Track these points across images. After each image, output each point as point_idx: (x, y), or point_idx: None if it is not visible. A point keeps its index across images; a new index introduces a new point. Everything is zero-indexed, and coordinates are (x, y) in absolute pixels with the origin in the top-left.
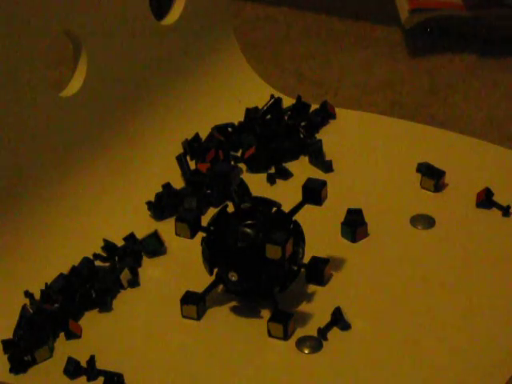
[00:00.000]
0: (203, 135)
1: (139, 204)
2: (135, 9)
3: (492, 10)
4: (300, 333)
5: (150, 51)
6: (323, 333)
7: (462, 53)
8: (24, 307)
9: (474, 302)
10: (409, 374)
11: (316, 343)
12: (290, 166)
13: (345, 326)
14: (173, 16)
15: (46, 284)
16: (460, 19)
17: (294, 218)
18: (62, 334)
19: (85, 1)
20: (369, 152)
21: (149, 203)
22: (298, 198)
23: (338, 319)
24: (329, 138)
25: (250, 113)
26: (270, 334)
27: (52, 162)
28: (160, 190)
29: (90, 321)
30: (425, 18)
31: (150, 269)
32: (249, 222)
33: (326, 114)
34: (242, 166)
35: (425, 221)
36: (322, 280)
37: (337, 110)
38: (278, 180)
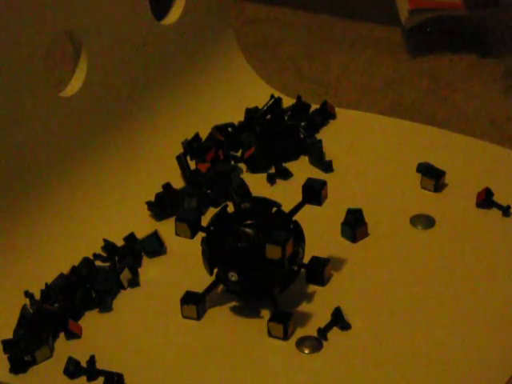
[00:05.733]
0: (203, 135)
1: (139, 204)
2: (135, 9)
3: (491, 10)
4: (300, 333)
5: (150, 51)
6: (323, 333)
7: (461, 53)
8: (24, 307)
9: (474, 301)
10: (408, 373)
11: (316, 343)
12: (290, 166)
13: (345, 325)
14: (173, 16)
15: (46, 284)
16: (460, 19)
17: (294, 218)
18: (62, 334)
19: (85, 1)
20: (369, 152)
21: (149, 203)
22: (298, 197)
23: (338, 319)
24: (329, 137)
25: (250, 113)
26: (270, 334)
27: (52, 161)
28: (160, 190)
29: (90, 321)
30: (425, 18)
31: (150, 269)
32: (249, 221)
33: (326, 114)
34: (242, 166)
35: (425, 221)
36: (322, 280)
37: (337, 109)
38: (278, 180)
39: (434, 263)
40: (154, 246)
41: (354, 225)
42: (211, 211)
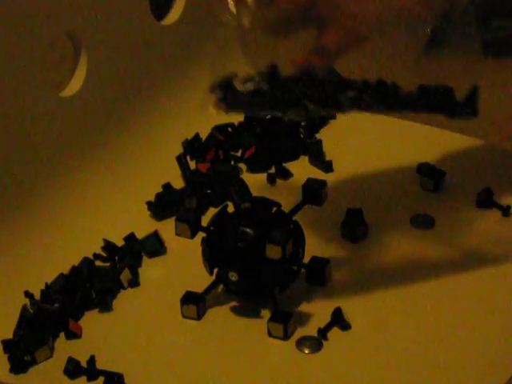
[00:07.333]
0: (203, 135)
1: (139, 204)
2: (135, 9)
3: None
4: (300, 333)
5: (150, 51)
6: (323, 333)
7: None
8: (24, 307)
9: (473, 301)
10: (409, 373)
11: (316, 343)
12: (290, 166)
13: (345, 325)
14: (173, 16)
15: (46, 284)
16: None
17: (294, 218)
18: (62, 334)
19: (85, 1)
20: (369, 152)
21: (149, 203)
22: (298, 197)
23: (338, 319)
24: (329, 137)
25: None
26: (270, 334)
27: (51, 161)
28: (160, 190)
29: (90, 321)
30: None
31: (150, 269)
32: (249, 221)
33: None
34: (242, 165)
35: (425, 221)
36: (322, 280)
37: None
38: (278, 180)
39: (434, 263)
40: (154, 245)
41: (354, 225)
42: (211, 211)
